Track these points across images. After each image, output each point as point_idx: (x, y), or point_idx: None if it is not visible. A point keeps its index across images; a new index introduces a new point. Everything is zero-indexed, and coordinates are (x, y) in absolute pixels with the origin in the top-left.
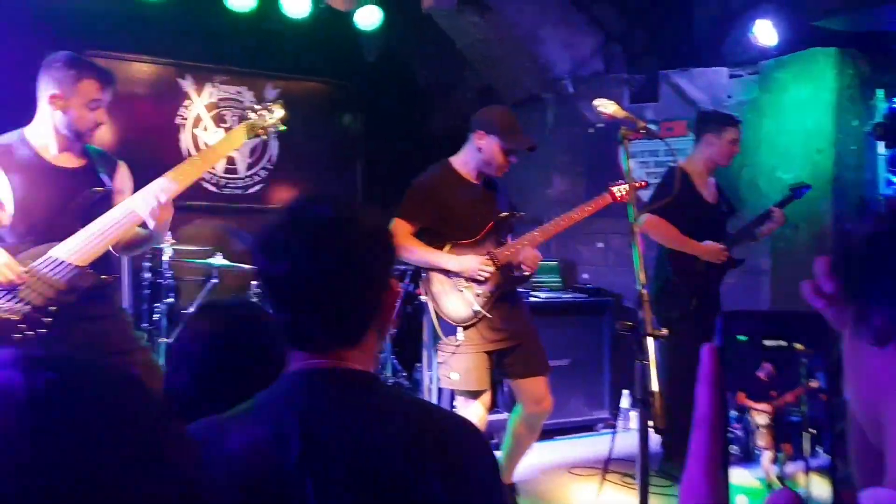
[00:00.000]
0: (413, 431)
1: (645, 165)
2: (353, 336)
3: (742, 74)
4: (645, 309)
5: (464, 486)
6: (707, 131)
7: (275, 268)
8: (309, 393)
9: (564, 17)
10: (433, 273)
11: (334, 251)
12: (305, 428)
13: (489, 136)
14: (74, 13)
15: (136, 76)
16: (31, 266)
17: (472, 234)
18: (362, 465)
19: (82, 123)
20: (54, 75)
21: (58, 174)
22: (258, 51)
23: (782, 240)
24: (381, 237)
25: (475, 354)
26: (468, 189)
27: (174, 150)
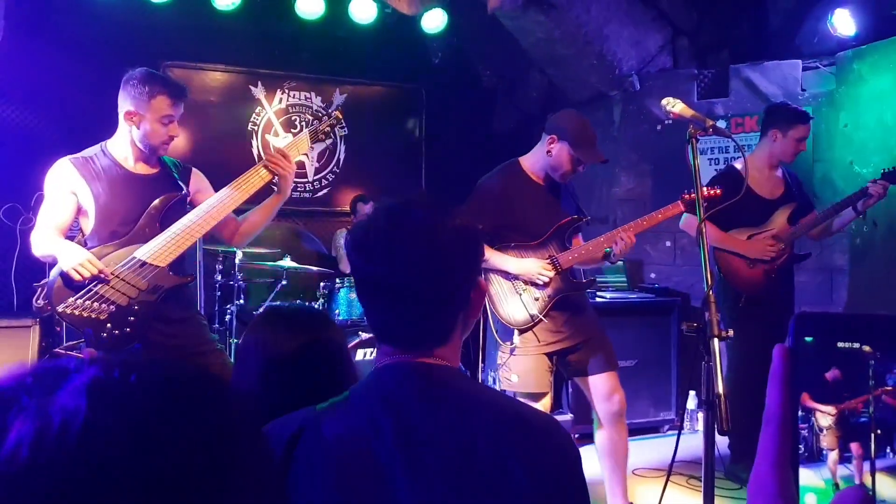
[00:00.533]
0: (499, 423)
1: (715, 163)
2: (443, 333)
3: (817, 66)
4: (711, 310)
5: (548, 478)
6: (773, 126)
7: (371, 268)
8: (401, 385)
9: (631, 13)
10: (492, 274)
11: (429, 252)
12: (398, 418)
13: (560, 142)
14: (151, 26)
15: (210, 85)
16: (115, 268)
17: (536, 236)
18: (451, 454)
19: (155, 138)
20: (130, 92)
21: (136, 181)
22: (326, 57)
23: (858, 236)
24: (471, 237)
25: (534, 356)
26: (535, 191)
27: (246, 156)
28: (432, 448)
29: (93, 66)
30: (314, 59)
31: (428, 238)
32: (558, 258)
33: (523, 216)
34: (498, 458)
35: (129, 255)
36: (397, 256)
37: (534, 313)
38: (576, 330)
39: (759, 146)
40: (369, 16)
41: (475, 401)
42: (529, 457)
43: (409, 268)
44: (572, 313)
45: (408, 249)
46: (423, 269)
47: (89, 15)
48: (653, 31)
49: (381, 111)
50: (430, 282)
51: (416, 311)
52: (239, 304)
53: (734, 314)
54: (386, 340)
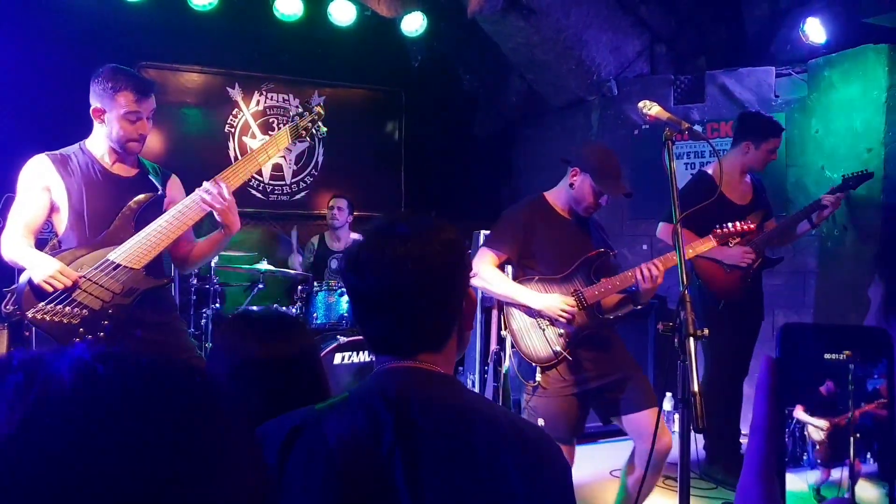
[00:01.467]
0: (496, 429)
1: (691, 167)
2: (436, 341)
3: (790, 73)
4: (687, 309)
5: (542, 487)
6: (747, 138)
7: (363, 283)
8: (401, 387)
9: (610, 19)
10: (514, 308)
11: (416, 263)
12: (399, 416)
13: (583, 174)
14: (126, 26)
15: (187, 86)
16: (88, 271)
17: (561, 269)
18: (451, 453)
19: (123, 135)
20: (95, 89)
21: (112, 181)
22: (305, 59)
23: (830, 239)
24: (457, 248)
25: (560, 398)
26: (560, 223)
27: (223, 158)
28: (433, 446)
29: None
30: (293, 61)
31: (413, 250)
32: (584, 292)
33: (547, 248)
34: (496, 462)
35: (102, 257)
36: (386, 269)
37: (557, 350)
38: (605, 368)
39: (731, 154)
40: (348, 18)
41: (472, 406)
42: (525, 464)
43: (398, 279)
44: (600, 350)
45: (395, 262)
46: (412, 280)
47: (63, 14)
48: (631, 37)
49: (360, 114)
50: (419, 291)
51: (409, 320)
52: (215, 307)
53: (711, 318)
54: (383, 351)
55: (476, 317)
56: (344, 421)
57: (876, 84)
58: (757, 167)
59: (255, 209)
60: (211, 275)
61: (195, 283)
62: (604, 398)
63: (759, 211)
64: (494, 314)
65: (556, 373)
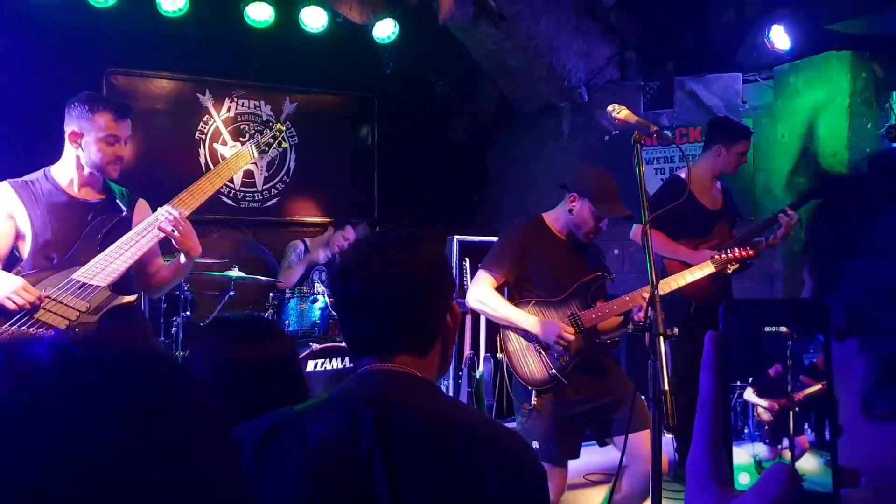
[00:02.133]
0: (475, 432)
1: (661, 172)
2: (419, 344)
3: (756, 79)
4: (656, 309)
5: (519, 487)
6: (718, 142)
7: (349, 290)
8: (382, 388)
9: (580, 26)
10: (510, 331)
11: (400, 268)
12: (379, 416)
13: (581, 199)
14: (94, 31)
15: (156, 92)
16: (53, 291)
17: (558, 292)
18: (430, 454)
19: (101, 158)
20: (72, 113)
21: (78, 206)
22: (276, 65)
23: (796, 243)
24: (440, 263)
25: (555, 421)
26: (557, 246)
27: (193, 165)
28: (413, 447)
29: (32, 72)
30: (264, 67)
31: (398, 257)
32: (580, 316)
33: (544, 271)
34: (474, 463)
35: (67, 277)
36: (374, 277)
37: (553, 373)
38: (601, 390)
39: (703, 159)
40: (320, 24)
41: (452, 409)
42: (503, 467)
43: (384, 281)
44: (596, 373)
45: (383, 267)
46: (398, 282)
47: (27, 18)
48: (601, 44)
49: (332, 120)
50: (404, 291)
51: (393, 319)
52: (185, 315)
53: (683, 321)
54: (365, 352)
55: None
56: (324, 421)
57: (839, 90)
58: (728, 171)
59: (226, 216)
60: (181, 282)
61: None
62: (599, 419)
63: (728, 217)
64: (468, 320)
65: (551, 396)
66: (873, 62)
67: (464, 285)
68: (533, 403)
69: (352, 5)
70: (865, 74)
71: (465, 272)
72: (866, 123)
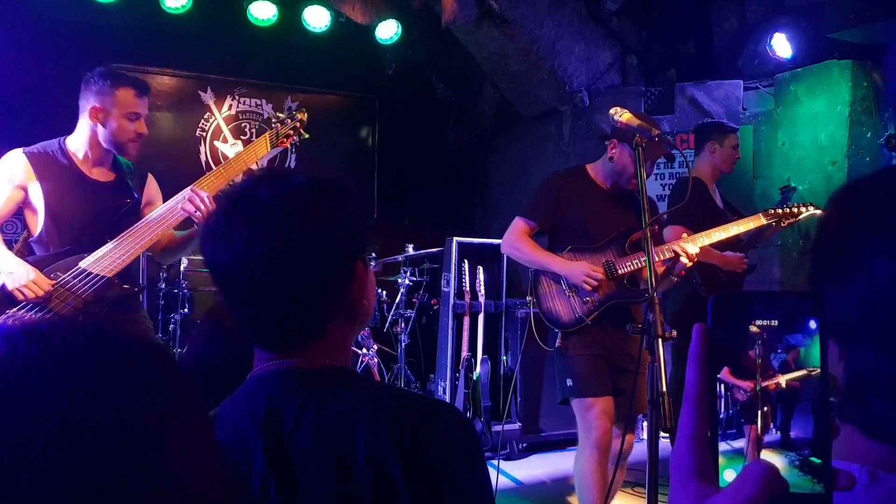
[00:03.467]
0: (377, 430)
1: (661, 177)
2: (309, 330)
3: (757, 87)
4: (655, 311)
5: (430, 483)
6: (710, 139)
7: (216, 257)
8: (270, 400)
9: (582, 31)
10: (542, 275)
11: (272, 237)
12: (268, 443)
13: (621, 144)
14: (97, 27)
15: (158, 89)
16: (61, 278)
17: (595, 240)
18: (327, 475)
19: (123, 134)
20: (92, 88)
21: (91, 186)
22: (278, 64)
23: (794, 249)
24: (335, 221)
25: (588, 357)
26: (597, 195)
27: (194, 163)
28: (308, 469)
29: (35, 67)
30: (266, 66)
31: (270, 220)
32: (615, 263)
33: (581, 218)
34: (378, 472)
35: (74, 264)
36: (239, 243)
37: (578, 316)
38: (624, 354)
39: (700, 161)
40: (323, 23)
41: (353, 407)
42: (412, 467)
43: (249, 255)
44: (619, 339)
45: (248, 234)
46: (265, 257)
47: (32, 14)
48: (603, 48)
49: (333, 120)
50: (276, 270)
51: (273, 305)
52: (183, 313)
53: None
54: (254, 341)
55: (448, 324)
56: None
57: (840, 99)
58: (726, 167)
59: None
60: (180, 279)
61: (164, 287)
62: (621, 384)
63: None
64: (466, 321)
65: (581, 337)
66: (874, 71)
67: (462, 286)
68: (557, 344)
69: (355, 5)
70: (866, 83)
71: (464, 273)
72: (866, 132)
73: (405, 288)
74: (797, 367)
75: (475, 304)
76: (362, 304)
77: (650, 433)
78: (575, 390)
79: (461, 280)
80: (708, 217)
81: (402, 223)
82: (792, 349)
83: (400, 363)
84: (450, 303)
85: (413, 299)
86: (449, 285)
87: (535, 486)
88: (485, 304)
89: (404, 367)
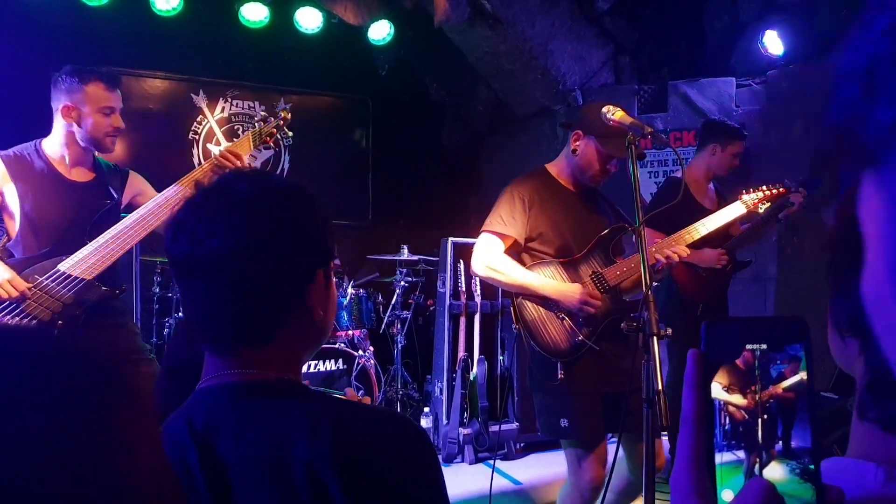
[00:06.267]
0: (317, 446)
1: (655, 175)
2: (257, 331)
3: (750, 84)
4: (650, 309)
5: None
6: (712, 141)
7: (176, 247)
8: (210, 415)
9: (575, 30)
10: (525, 300)
11: (231, 232)
12: (203, 457)
13: (587, 137)
14: (87, 29)
15: (150, 92)
16: (38, 281)
17: (575, 250)
18: (266, 491)
19: (98, 130)
20: (62, 87)
21: (69, 187)
22: (271, 66)
23: (789, 246)
24: (297, 224)
25: (587, 394)
26: (567, 198)
27: (187, 166)
28: (245, 485)
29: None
30: (258, 68)
31: (235, 215)
32: (604, 274)
33: (557, 227)
34: (317, 490)
35: (53, 266)
36: (199, 234)
37: (580, 340)
38: (619, 372)
39: (697, 159)
40: (315, 24)
41: (294, 423)
42: (352, 486)
43: (198, 250)
44: (624, 347)
45: (210, 227)
46: (223, 250)
47: (19, 15)
48: (596, 47)
49: (326, 121)
50: (224, 267)
51: (222, 301)
52: (178, 317)
53: (688, 323)
54: (203, 342)
55: (444, 325)
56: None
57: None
58: (721, 172)
59: None
60: (173, 284)
61: (157, 291)
62: (619, 408)
63: None
64: (462, 322)
65: (581, 366)
66: None
67: (458, 287)
68: (560, 377)
69: (347, 6)
70: None
71: (459, 274)
72: None
73: (401, 289)
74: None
75: (471, 305)
76: (318, 314)
77: (646, 431)
78: (570, 433)
79: (457, 280)
80: (686, 219)
81: (397, 224)
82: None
83: (396, 364)
84: (446, 303)
85: (409, 300)
86: (445, 286)
87: (532, 485)
88: (481, 305)
89: (401, 368)
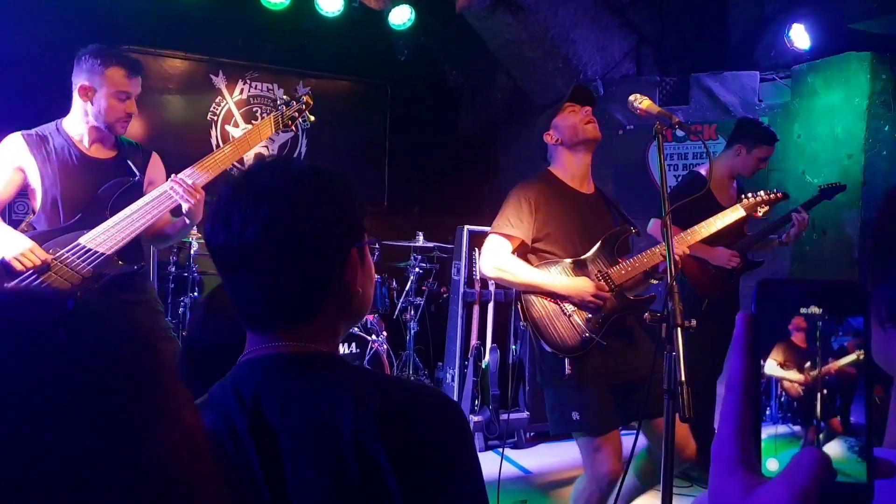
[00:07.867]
0: (363, 416)
1: (674, 168)
2: (298, 312)
3: (774, 78)
4: (675, 300)
5: (416, 469)
6: (740, 141)
7: (214, 238)
8: (257, 384)
9: (597, 20)
10: (532, 296)
11: (265, 219)
12: (252, 423)
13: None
14: (109, 8)
15: (169, 72)
16: (59, 253)
17: (580, 250)
18: (313, 457)
19: (111, 114)
20: (83, 66)
21: (89, 164)
22: (291, 48)
23: (808, 244)
24: (327, 207)
25: (596, 386)
26: (574, 199)
27: (205, 146)
28: (294, 451)
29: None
30: (278, 50)
31: (266, 203)
32: (609, 273)
33: (563, 227)
34: (364, 457)
35: (73, 240)
36: (235, 224)
37: (587, 336)
38: (638, 362)
39: (722, 157)
40: (336, 8)
41: (339, 394)
42: (399, 454)
43: (243, 235)
44: (630, 343)
45: (244, 216)
46: (259, 238)
47: None
48: (618, 38)
49: (344, 106)
50: (268, 252)
51: (263, 286)
52: (193, 296)
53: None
54: (249, 325)
55: (458, 312)
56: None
57: (858, 91)
58: (745, 173)
59: None
60: (190, 263)
61: (173, 270)
62: (634, 396)
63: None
64: (476, 310)
65: (589, 360)
66: (894, 64)
67: (472, 275)
68: (568, 372)
69: None
70: (885, 76)
71: (473, 262)
72: (884, 126)
73: (415, 275)
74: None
75: (485, 293)
76: (356, 291)
77: (667, 423)
78: (582, 426)
79: (471, 268)
80: (701, 216)
81: (413, 211)
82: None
83: (409, 350)
84: (460, 291)
85: (423, 287)
86: (459, 273)
87: (541, 474)
88: (494, 293)
89: (413, 354)
